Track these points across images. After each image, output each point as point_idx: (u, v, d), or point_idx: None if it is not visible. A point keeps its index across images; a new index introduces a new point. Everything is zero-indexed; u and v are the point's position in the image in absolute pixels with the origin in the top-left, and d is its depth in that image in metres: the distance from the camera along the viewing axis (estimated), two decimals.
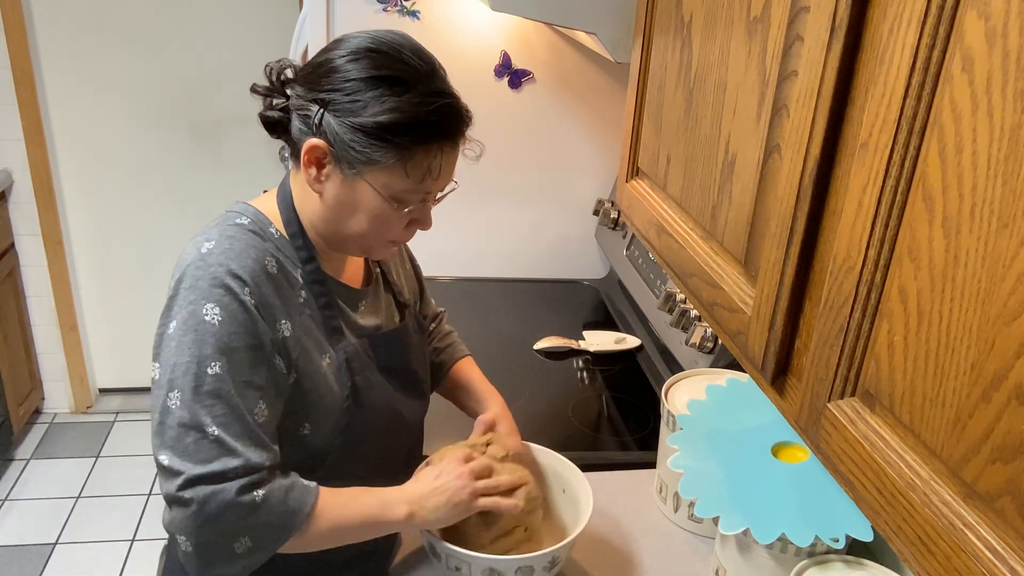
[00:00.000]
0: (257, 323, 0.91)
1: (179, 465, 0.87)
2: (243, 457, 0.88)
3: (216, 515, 0.87)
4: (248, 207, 0.99)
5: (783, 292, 0.70)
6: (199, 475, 0.86)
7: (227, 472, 0.87)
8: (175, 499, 0.87)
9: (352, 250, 1.01)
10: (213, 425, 0.87)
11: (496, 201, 2.16)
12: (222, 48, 2.79)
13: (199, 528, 0.87)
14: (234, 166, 2.94)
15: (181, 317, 0.89)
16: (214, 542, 0.88)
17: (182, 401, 0.87)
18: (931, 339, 0.52)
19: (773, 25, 0.73)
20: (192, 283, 0.90)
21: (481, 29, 1.98)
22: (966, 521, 0.49)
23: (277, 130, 0.97)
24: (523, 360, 1.80)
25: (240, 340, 0.89)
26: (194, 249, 0.93)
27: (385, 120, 0.88)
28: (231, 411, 0.88)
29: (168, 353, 0.89)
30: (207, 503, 0.86)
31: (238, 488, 0.87)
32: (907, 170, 0.54)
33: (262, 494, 0.89)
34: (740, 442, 1.15)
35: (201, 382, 0.87)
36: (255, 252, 0.93)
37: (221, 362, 0.88)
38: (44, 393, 3.09)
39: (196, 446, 0.87)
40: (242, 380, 0.89)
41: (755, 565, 1.08)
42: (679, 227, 0.96)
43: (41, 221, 2.84)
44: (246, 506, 0.88)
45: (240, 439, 0.88)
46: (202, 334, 0.88)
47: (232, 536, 0.88)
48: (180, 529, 0.88)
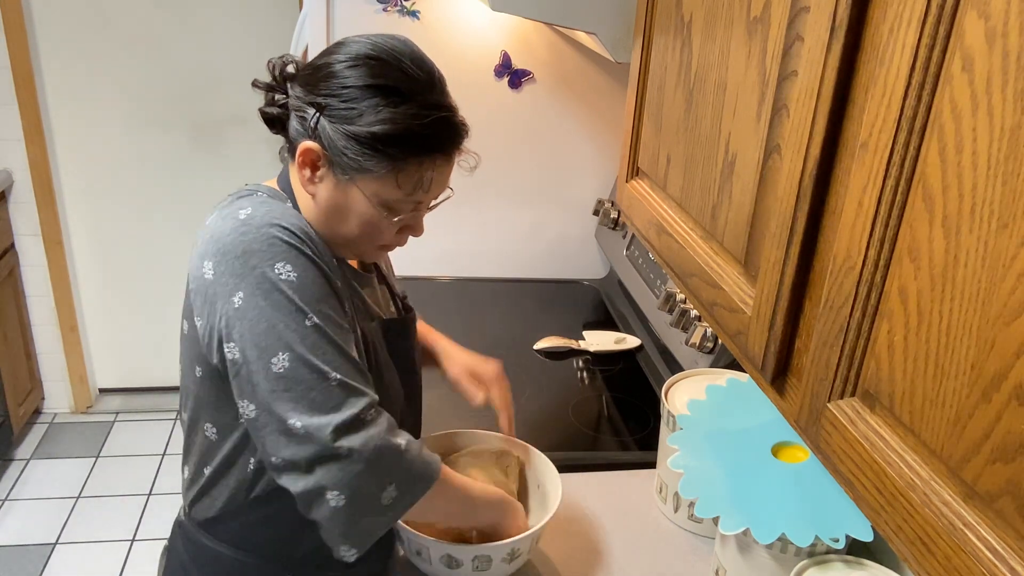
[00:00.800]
0: (324, 271, 0.91)
1: (318, 420, 0.86)
2: (367, 395, 0.89)
3: (374, 458, 0.87)
4: (258, 185, 1.00)
5: (783, 292, 0.70)
6: (342, 423, 0.86)
7: (362, 413, 0.87)
8: (330, 454, 0.86)
9: (345, 252, 1.02)
10: (332, 370, 0.87)
11: (496, 201, 2.16)
12: (222, 48, 2.79)
13: (356, 476, 0.86)
14: (234, 166, 2.94)
15: (250, 284, 0.87)
16: (366, 491, 0.88)
17: (291, 360, 0.86)
18: (931, 339, 0.52)
19: (773, 25, 0.73)
20: (246, 248, 0.87)
21: (481, 29, 1.98)
22: (966, 521, 0.49)
23: (276, 126, 0.98)
24: (523, 360, 1.80)
25: (320, 289, 0.90)
26: (229, 221, 0.90)
27: (378, 131, 0.88)
28: (339, 354, 0.89)
29: (248, 324, 0.87)
30: (364, 447, 0.86)
31: (385, 428, 0.89)
32: (907, 170, 0.54)
33: (404, 442, 0.90)
34: (740, 442, 1.16)
35: (305, 335, 0.87)
36: (292, 213, 0.93)
37: (315, 311, 0.88)
38: (44, 393, 3.09)
39: (324, 396, 0.86)
40: (337, 324, 0.90)
41: (755, 565, 1.08)
42: (679, 227, 0.96)
43: (41, 221, 2.84)
44: (394, 448, 0.89)
45: (356, 377, 0.90)
46: (284, 292, 0.87)
47: (382, 483, 0.89)
48: (334, 483, 0.86)
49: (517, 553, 1.08)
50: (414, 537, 1.05)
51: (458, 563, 1.05)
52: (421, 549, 1.06)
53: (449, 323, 1.92)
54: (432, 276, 2.18)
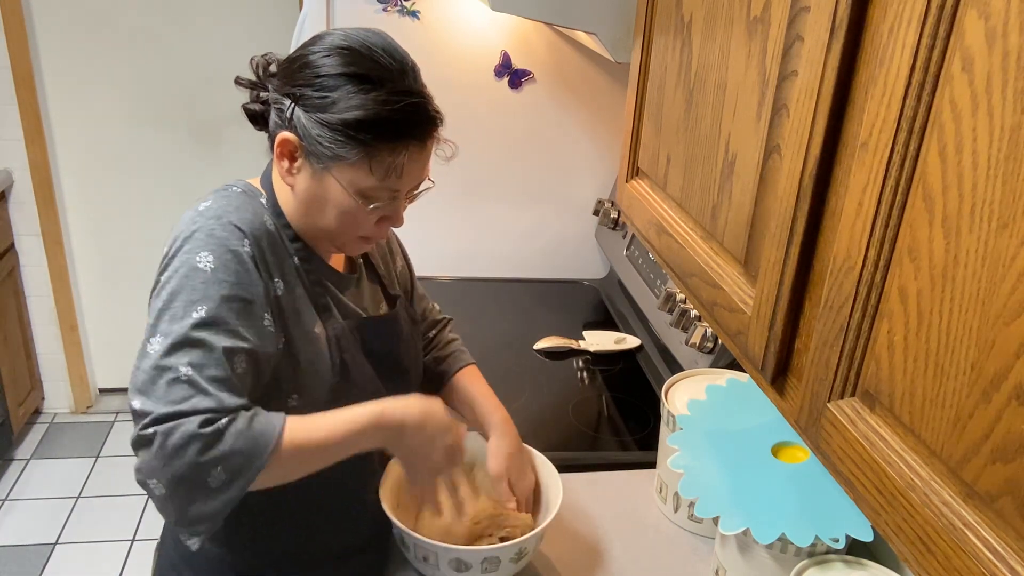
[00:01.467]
0: (251, 275, 0.91)
1: (149, 406, 0.84)
2: (215, 399, 0.85)
3: (180, 447, 0.82)
4: (239, 181, 1.02)
5: (783, 292, 0.70)
6: (165, 413, 0.83)
7: (196, 410, 0.84)
8: (139, 439, 0.84)
9: (326, 245, 1.02)
10: (188, 368, 0.85)
11: (496, 201, 2.16)
12: (222, 48, 2.78)
13: (166, 465, 0.83)
14: (234, 166, 2.94)
15: (173, 266, 0.89)
16: (185, 477, 0.83)
17: (161, 345, 0.85)
18: (931, 339, 0.52)
19: (773, 25, 0.73)
20: (188, 234, 0.91)
21: (481, 29, 1.98)
22: (966, 521, 0.49)
23: (259, 122, 0.99)
24: (523, 360, 1.80)
25: (230, 289, 0.88)
26: (190, 212, 0.94)
27: (350, 117, 0.89)
28: (209, 355, 0.86)
29: (158, 301, 0.89)
30: (169, 436, 0.82)
31: (201, 421, 0.83)
32: (907, 170, 0.54)
33: (225, 422, 0.85)
34: (740, 442, 1.16)
35: (183, 328, 0.86)
36: (252, 208, 0.95)
37: (207, 307, 0.87)
38: (44, 393, 3.09)
39: (167, 388, 0.84)
40: (226, 329, 0.88)
41: (755, 565, 1.08)
42: (679, 227, 0.96)
43: (41, 221, 2.84)
44: (209, 436, 0.83)
45: (213, 383, 0.85)
46: (192, 280, 0.88)
47: (203, 469, 0.84)
48: (149, 472, 0.84)
49: (524, 552, 1.08)
50: (420, 543, 1.04)
51: (467, 566, 1.05)
52: (428, 555, 1.05)
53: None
54: (432, 276, 2.18)
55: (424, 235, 2.13)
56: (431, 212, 2.06)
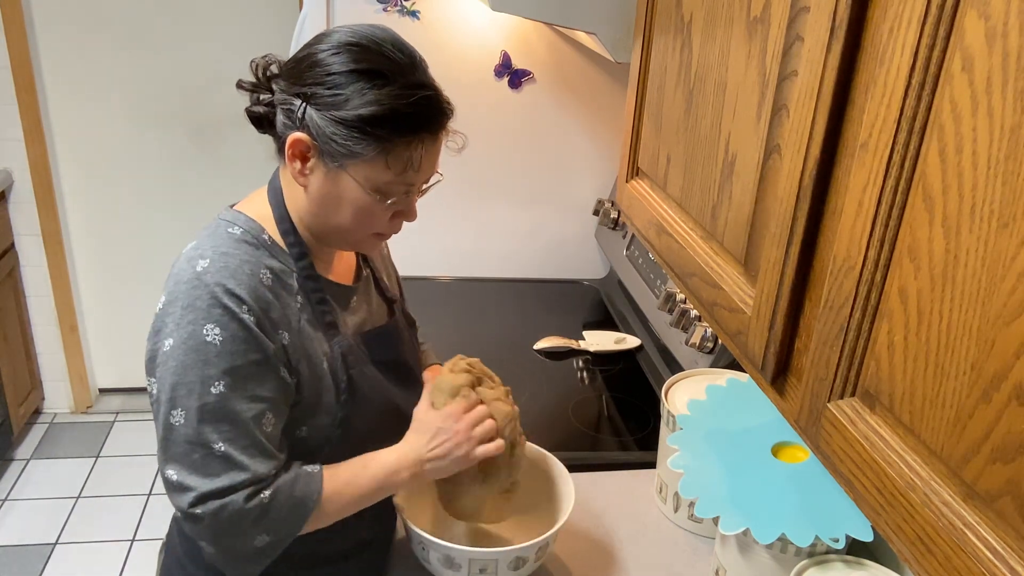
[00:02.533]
0: (258, 339, 0.92)
1: (188, 480, 0.90)
2: (251, 471, 0.91)
3: (229, 525, 0.90)
4: (239, 215, 1.00)
5: (783, 292, 0.70)
6: (208, 491, 0.89)
7: (235, 485, 0.90)
8: (188, 516, 0.91)
9: (339, 244, 1.02)
10: (220, 442, 0.89)
11: (496, 201, 2.16)
12: (222, 48, 2.78)
13: (215, 537, 0.91)
14: (234, 166, 2.94)
15: (180, 336, 0.90)
16: (234, 546, 0.92)
17: (187, 420, 0.89)
18: (931, 339, 0.52)
19: (773, 25, 0.73)
20: (189, 302, 0.90)
21: (481, 29, 1.98)
22: (966, 521, 0.49)
23: (263, 125, 0.98)
24: (523, 360, 1.79)
25: (242, 358, 0.90)
26: (188, 267, 0.93)
27: (365, 113, 0.89)
28: (237, 427, 0.90)
29: (167, 372, 0.90)
30: (219, 515, 0.90)
31: (245, 496, 0.90)
32: (907, 170, 0.54)
33: (269, 494, 0.92)
34: (740, 442, 1.16)
35: (205, 402, 0.89)
36: (250, 267, 0.94)
37: (225, 381, 0.89)
38: (44, 393, 3.09)
39: (203, 461, 0.89)
40: (247, 395, 0.91)
41: (755, 565, 1.08)
42: (679, 227, 0.96)
43: (41, 221, 2.84)
44: (255, 510, 0.91)
45: (246, 452, 0.91)
46: (204, 355, 0.89)
47: (249, 537, 0.92)
48: (199, 537, 0.93)
49: (523, 561, 1.07)
50: (424, 539, 1.05)
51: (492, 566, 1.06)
52: (452, 558, 1.06)
53: (449, 323, 1.92)
54: (432, 276, 2.18)
55: (424, 235, 2.13)
56: (431, 212, 2.06)
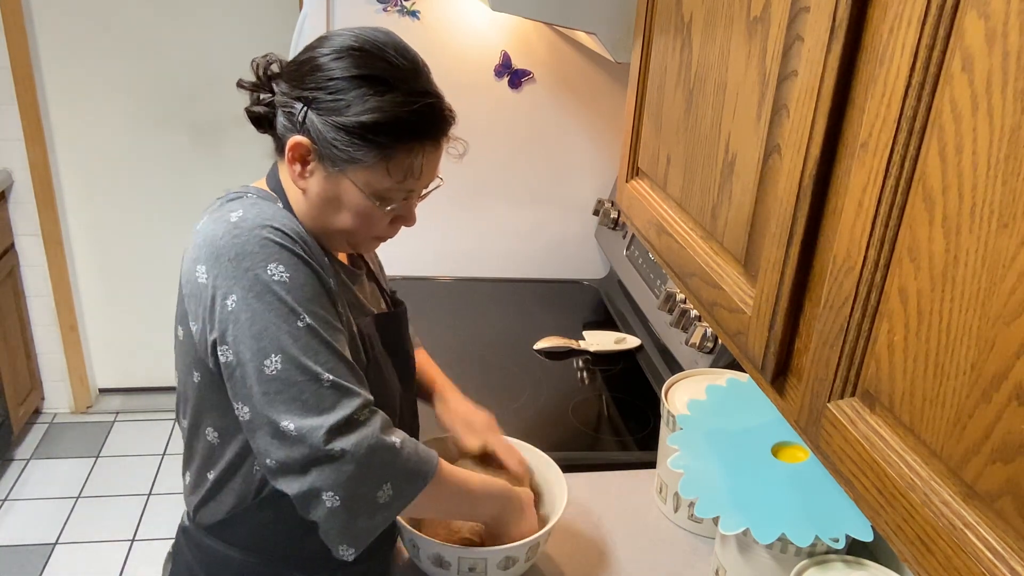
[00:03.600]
0: (317, 272, 0.91)
1: (311, 422, 0.86)
2: (360, 395, 0.89)
3: (367, 458, 0.87)
4: (247, 187, 1.00)
5: (783, 292, 0.70)
6: (335, 424, 0.86)
7: (355, 414, 0.88)
8: (323, 456, 0.86)
9: (339, 245, 1.02)
10: (325, 372, 0.88)
11: (496, 201, 2.16)
12: (222, 49, 2.78)
13: (350, 478, 0.87)
14: (234, 166, 2.94)
15: (243, 286, 0.87)
16: (361, 492, 0.88)
17: (284, 362, 0.87)
18: (931, 339, 0.52)
19: (773, 25, 0.73)
20: (238, 251, 0.88)
21: (481, 29, 1.98)
22: (966, 521, 0.49)
23: (263, 124, 0.98)
24: (523, 360, 1.80)
25: (313, 289, 0.90)
26: (220, 225, 0.90)
27: (367, 120, 0.89)
28: (332, 355, 0.89)
29: (242, 326, 0.87)
30: (358, 448, 0.86)
31: (379, 427, 0.89)
32: (907, 170, 0.54)
33: (399, 440, 0.91)
34: (740, 442, 1.16)
35: (297, 337, 0.87)
36: (284, 214, 0.94)
37: (307, 311, 0.88)
38: (44, 393, 3.09)
39: (316, 397, 0.87)
40: (329, 325, 0.90)
41: (755, 565, 1.08)
42: (679, 227, 0.96)
43: (41, 221, 2.84)
44: (389, 448, 0.89)
45: (349, 378, 0.90)
46: (277, 293, 0.87)
47: (378, 482, 0.89)
48: (329, 485, 0.87)
49: (513, 561, 1.07)
50: (414, 536, 1.05)
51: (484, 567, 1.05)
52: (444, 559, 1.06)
53: (449, 323, 1.92)
54: (432, 276, 2.18)
55: (424, 235, 2.13)
56: (431, 212, 2.06)
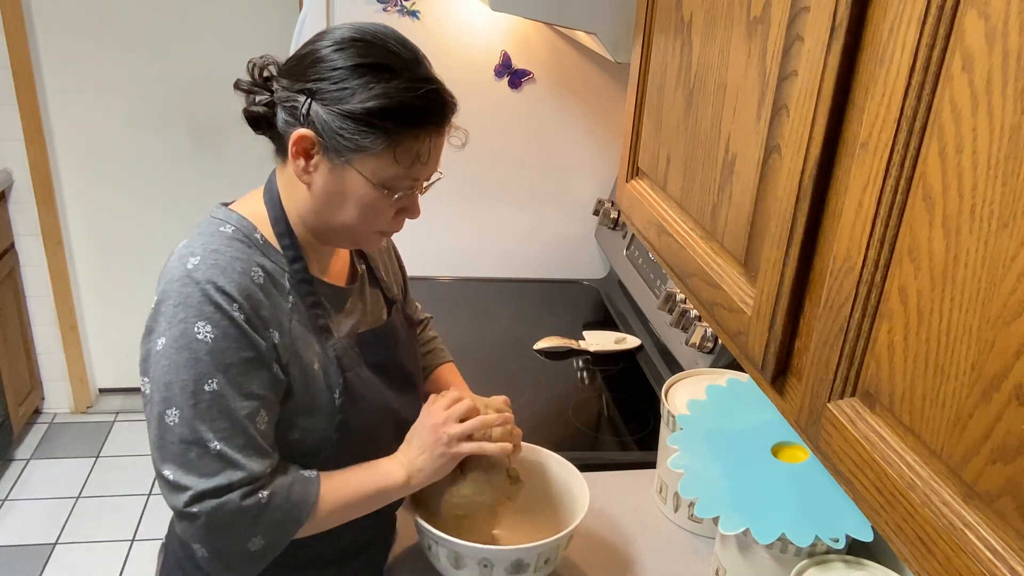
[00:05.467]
0: (249, 336, 0.91)
1: (184, 480, 0.89)
2: (246, 469, 0.90)
3: (225, 524, 0.90)
4: (231, 213, 0.99)
5: (783, 292, 0.70)
6: (204, 490, 0.89)
7: (232, 484, 0.90)
8: (183, 514, 0.90)
9: (341, 242, 1.02)
10: (215, 440, 0.89)
11: (496, 201, 2.16)
12: (222, 48, 2.78)
13: (210, 537, 0.90)
14: (234, 166, 2.94)
15: (172, 335, 0.89)
16: (228, 547, 0.91)
17: (181, 418, 0.89)
18: (931, 339, 0.52)
19: (773, 25, 0.73)
20: (180, 300, 0.90)
21: (481, 29, 1.98)
22: (966, 521, 0.49)
23: (261, 125, 0.98)
24: (523, 360, 1.80)
25: (234, 355, 0.90)
26: (180, 264, 0.92)
27: (373, 105, 0.89)
28: (232, 424, 0.90)
29: (160, 371, 0.90)
30: (215, 515, 0.89)
31: (241, 495, 0.90)
32: (907, 170, 0.54)
33: (266, 495, 0.92)
34: (740, 442, 1.16)
35: (199, 399, 0.89)
36: (241, 264, 0.93)
37: (218, 378, 0.89)
38: (44, 393, 3.09)
39: (200, 461, 0.89)
40: (241, 392, 0.91)
41: (755, 565, 1.08)
42: (679, 227, 0.96)
43: (41, 221, 2.84)
44: (251, 509, 0.90)
45: (243, 451, 0.90)
46: (196, 352, 0.89)
47: (244, 538, 0.91)
48: (193, 539, 0.91)
49: (522, 565, 1.06)
50: (428, 531, 1.04)
51: (491, 564, 1.05)
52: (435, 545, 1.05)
53: (449, 323, 1.92)
54: (432, 276, 2.18)
55: (424, 235, 2.13)
56: (431, 212, 2.06)
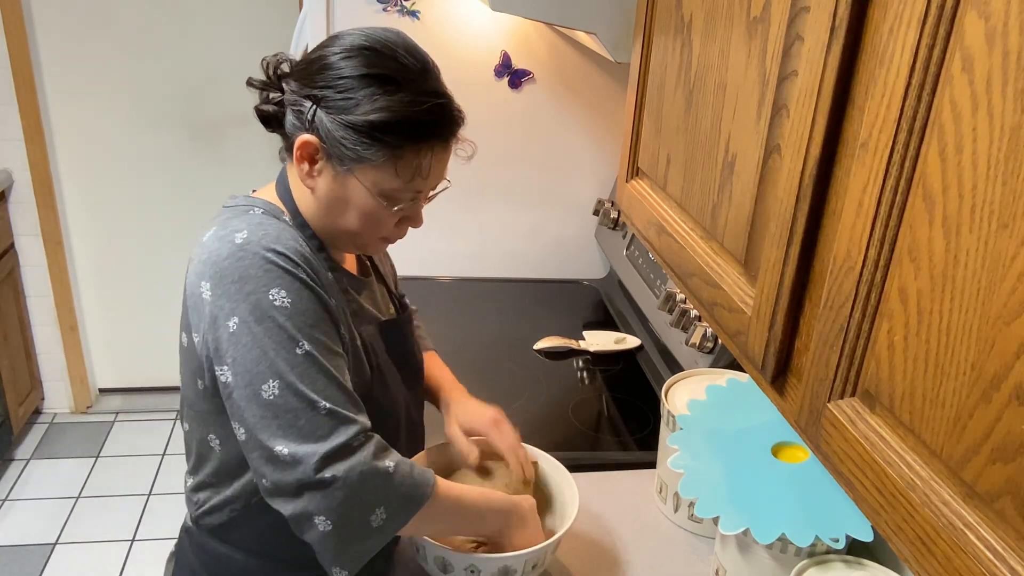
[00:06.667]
0: (319, 296, 0.91)
1: (305, 448, 0.86)
2: (356, 423, 0.89)
3: (359, 485, 0.87)
4: (253, 198, 0.99)
5: (783, 292, 0.70)
6: (328, 452, 0.86)
7: (351, 441, 0.87)
8: (315, 483, 0.86)
9: (345, 245, 1.02)
10: (321, 399, 0.87)
11: (496, 201, 2.16)
12: (222, 48, 2.79)
13: (341, 504, 0.87)
14: (234, 166, 2.94)
15: (244, 310, 0.87)
16: (353, 517, 0.88)
17: (281, 388, 0.86)
18: (931, 339, 0.52)
19: (773, 25, 0.73)
20: (241, 274, 0.88)
21: (481, 29, 1.98)
22: (966, 521, 0.49)
23: (272, 124, 0.98)
24: (523, 360, 1.80)
25: (314, 315, 0.90)
26: (225, 244, 0.90)
27: (376, 119, 0.89)
28: (330, 382, 0.89)
29: (242, 350, 0.87)
30: (349, 475, 0.86)
31: (372, 454, 0.88)
32: (907, 170, 0.54)
33: (393, 464, 0.90)
34: (740, 442, 1.16)
35: (296, 364, 0.87)
36: (289, 233, 0.93)
37: (307, 338, 0.88)
38: (44, 393, 3.09)
39: (311, 424, 0.86)
40: (329, 351, 0.90)
41: (755, 565, 1.08)
42: (679, 227, 0.96)
43: (41, 221, 2.84)
44: (382, 473, 0.88)
45: (347, 406, 0.89)
46: (277, 319, 0.87)
47: (370, 508, 0.88)
48: (321, 510, 0.87)
49: (510, 571, 1.05)
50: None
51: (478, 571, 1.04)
52: (419, 548, 1.05)
53: (449, 323, 1.92)
54: (432, 276, 2.18)
55: (425, 235, 2.13)
56: (431, 212, 2.06)
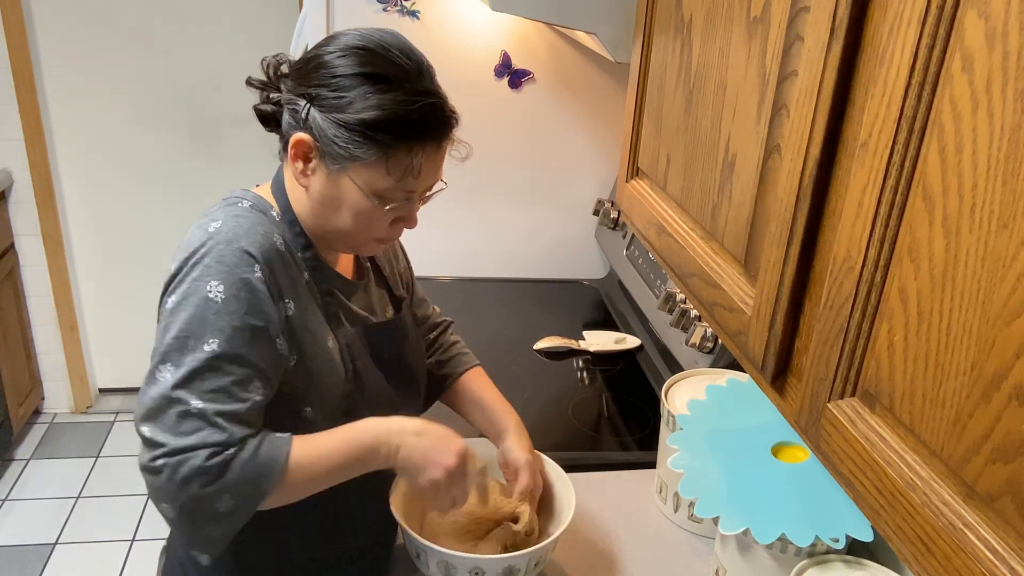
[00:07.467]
0: (263, 302, 0.90)
1: (160, 437, 0.86)
2: (226, 432, 0.87)
3: (186, 480, 0.85)
4: (247, 192, 1.00)
5: (783, 292, 0.70)
6: (177, 447, 0.85)
7: (206, 444, 0.86)
8: (147, 467, 0.86)
9: (339, 245, 1.02)
10: (199, 401, 0.86)
11: (496, 201, 2.16)
12: (222, 48, 2.79)
13: (174, 495, 0.86)
14: (234, 166, 2.94)
15: (181, 292, 0.88)
16: (194, 506, 0.87)
17: (172, 375, 0.86)
18: (931, 339, 0.52)
19: (773, 25, 0.73)
20: (198, 260, 0.89)
21: (481, 29, 1.98)
22: (966, 521, 0.49)
23: (270, 123, 0.99)
24: (523, 360, 1.79)
25: (241, 319, 0.88)
26: (200, 230, 0.92)
27: (367, 117, 0.89)
28: (221, 389, 0.87)
29: (164, 328, 0.88)
30: (177, 469, 0.85)
31: (207, 454, 0.86)
32: (907, 170, 0.54)
33: (231, 453, 0.87)
34: (740, 442, 1.16)
35: (195, 358, 0.86)
36: (263, 228, 0.93)
37: (219, 339, 0.87)
38: (44, 393, 3.09)
39: (177, 420, 0.86)
40: (239, 360, 0.88)
41: (755, 565, 1.08)
42: (679, 227, 0.96)
43: (41, 221, 2.84)
44: (215, 468, 0.86)
45: (224, 417, 0.87)
46: (202, 310, 0.87)
47: (210, 499, 0.86)
48: (159, 496, 0.87)
49: (514, 571, 1.05)
50: (412, 540, 1.04)
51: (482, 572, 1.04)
52: (420, 552, 1.05)
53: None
54: (432, 276, 2.18)
55: (424, 235, 2.12)
56: (431, 212, 2.06)
